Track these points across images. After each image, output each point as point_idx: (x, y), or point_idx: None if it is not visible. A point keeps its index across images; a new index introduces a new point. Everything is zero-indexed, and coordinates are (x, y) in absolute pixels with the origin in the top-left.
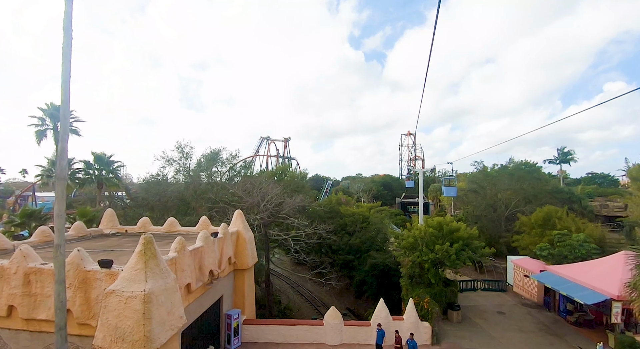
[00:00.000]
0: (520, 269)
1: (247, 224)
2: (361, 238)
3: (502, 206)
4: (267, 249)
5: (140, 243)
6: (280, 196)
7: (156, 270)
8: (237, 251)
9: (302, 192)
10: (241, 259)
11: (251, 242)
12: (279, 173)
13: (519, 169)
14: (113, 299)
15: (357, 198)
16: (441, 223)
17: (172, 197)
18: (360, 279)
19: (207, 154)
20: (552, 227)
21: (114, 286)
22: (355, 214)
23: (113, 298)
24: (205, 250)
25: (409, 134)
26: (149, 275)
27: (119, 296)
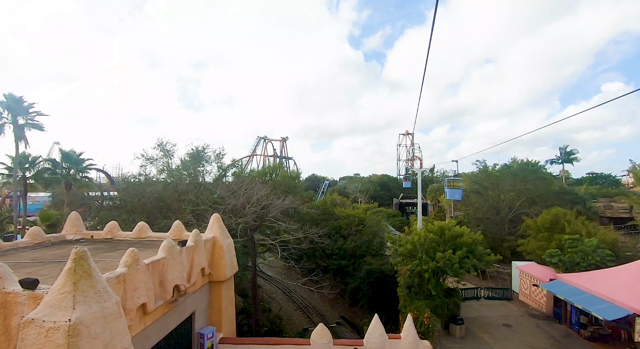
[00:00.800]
0: (527, 277)
1: (226, 230)
2: (356, 242)
3: (505, 207)
4: (254, 256)
5: (71, 259)
6: (269, 198)
7: (90, 293)
8: (213, 261)
9: (294, 193)
10: (218, 269)
11: (230, 250)
12: (269, 173)
13: (523, 168)
14: (32, 331)
15: (354, 199)
16: (443, 228)
17: (151, 198)
18: (354, 286)
19: (191, 152)
20: (560, 231)
21: (34, 314)
22: (350, 216)
23: (32, 329)
24: (169, 262)
25: (407, 133)
26: (78, 300)
27: (39, 327)
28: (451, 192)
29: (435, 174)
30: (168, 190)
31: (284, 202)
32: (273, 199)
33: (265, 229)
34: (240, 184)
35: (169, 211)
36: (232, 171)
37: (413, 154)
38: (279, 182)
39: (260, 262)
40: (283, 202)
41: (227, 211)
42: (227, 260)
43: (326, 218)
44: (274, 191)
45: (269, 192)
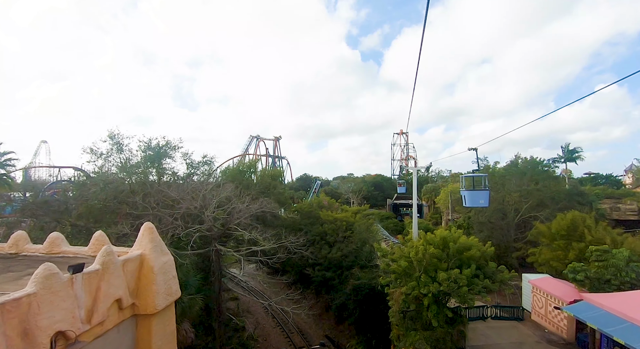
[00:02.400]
0: (543, 294)
1: (162, 244)
2: (343, 251)
3: (511, 210)
4: (219, 271)
5: None
6: (234, 201)
7: None
8: (140, 287)
9: (274, 194)
10: (146, 298)
11: (167, 270)
12: (245, 171)
13: (531, 167)
14: None
15: (346, 199)
16: (446, 239)
17: (95, 201)
18: (340, 303)
19: (144, 146)
20: (579, 239)
21: None
22: (337, 221)
23: None
24: (42, 300)
25: (401, 133)
26: None
27: None
28: (472, 197)
29: (430, 173)
30: (105, 192)
31: (252, 206)
32: (237, 203)
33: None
34: (201, 185)
35: (112, 217)
36: (205, 169)
37: (407, 153)
38: (254, 182)
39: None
40: (250, 206)
41: (179, 217)
42: (159, 285)
43: (311, 222)
44: (247, 192)
45: (239, 194)
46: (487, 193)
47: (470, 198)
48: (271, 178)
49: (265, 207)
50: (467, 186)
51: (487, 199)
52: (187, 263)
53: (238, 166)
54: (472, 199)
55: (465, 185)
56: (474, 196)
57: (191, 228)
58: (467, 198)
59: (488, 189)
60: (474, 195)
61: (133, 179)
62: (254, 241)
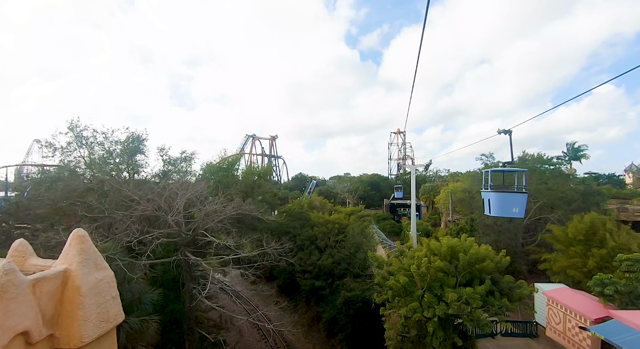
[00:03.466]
0: (560, 308)
1: (98, 257)
2: (334, 257)
3: None
4: (190, 281)
5: None
6: (215, 200)
7: None
8: (62, 314)
9: (259, 193)
10: (69, 328)
11: (102, 291)
12: (225, 167)
13: (540, 164)
14: None
15: (342, 199)
16: (455, 249)
17: (48, 202)
18: (330, 316)
19: (124, 140)
20: (599, 245)
21: None
22: (329, 223)
23: None
24: None
25: (398, 132)
26: None
27: None
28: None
29: (428, 173)
30: (56, 191)
31: (226, 208)
32: (208, 204)
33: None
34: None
35: (71, 219)
36: (183, 167)
37: (405, 153)
38: (234, 181)
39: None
40: (225, 208)
41: (138, 220)
42: (89, 310)
43: (301, 225)
44: (227, 192)
45: (218, 193)
46: (524, 198)
47: (498, 204)
48: (257, 176)
49: (243, 209)
50: (493, 186)
51: (524, 206)
52: (139, 276)
53: (219, 163)
54: (502, 205)
55: (492, 184)
56: (504, 202)
57: (149, 234)
58: (494, 204)
59: (526, 191)
60: (505, 200)
61: (91, 176)
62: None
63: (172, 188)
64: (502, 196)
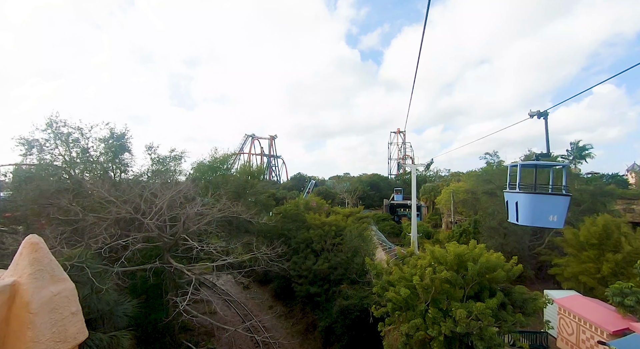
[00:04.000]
0: (574, 318)
1: (56, 267)
2: (330, 262)
3: None
4: (173, 289)
5: None
6: (195, 202)
7: None
8: (8, 334)
9: (250, 196)
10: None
11: (59, 307)
12: (216, 167)
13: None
14: None
15: (341, 200)
16: (463, 258)
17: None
18: (326, 325)
19: (105, 137)
20: (613, 249)
21: None
22: (326, 225)
23: None
24: None
25: (398, 131)
26: None
27: None
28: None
29: (429, 172)
30: (25, 191)
31: (211, 210)
32: (190, 207)
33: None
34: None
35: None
36: (169, 166)
37: (405, 152)
38: (225, 181)
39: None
40: (209, 210)
41: (113, 223)
42: (41, 329)
43: (298, 227)
44: (217, 193)
45: (205, 193)
46: (565, 202)
47: (529, 209)
48: (250, 176)
49: (231, 211)
50: (523, 185)
51: (564, 213)
52: (111, 286)
53: (210, 162)
54: (535, 210)
55: (520, 182)
56: (538, 206)
57: (124, 239)
58: (524, 209)
59: (569, 193)
60: (540, 204)
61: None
62: (224, 252)
63: (152, 188)
64: (536, 199)
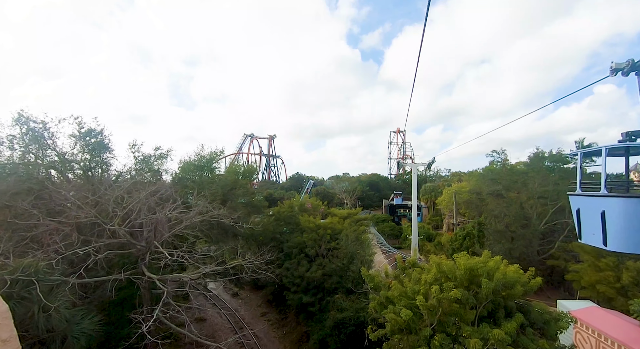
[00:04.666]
0: (592, 333)
1: None
2: (325, 269)
3: (535, 216)
4: (148, 301)
5: None
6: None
7: None
8: None
9: (238, 197)
10: None
11: None
12: (202, 166)
13: (559, 162)
14: None
15: (340, 200)
16: (474, 272)
17: None
18: (320, 338)
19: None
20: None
21: None
22: (321, 229)
23: None
24: None
25: (398, 131)
26: None
27: None
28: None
29: (429, 172)
30: None
31: (188, 214)
32: (155, 210)
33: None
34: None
35: None
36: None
37: (405, 152)
38: (210, 181)
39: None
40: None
41: (76, 228)
42: None
43: (292, 230)
44: (200, 194)
45: (184, 194)
46: None
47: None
48: (239, 176)
49: (211, 215)
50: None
51: None
52: (65, 302)
53: (195, 161)
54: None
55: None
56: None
57: (82, 247)
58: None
59: None
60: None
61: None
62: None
63: (124, 189)
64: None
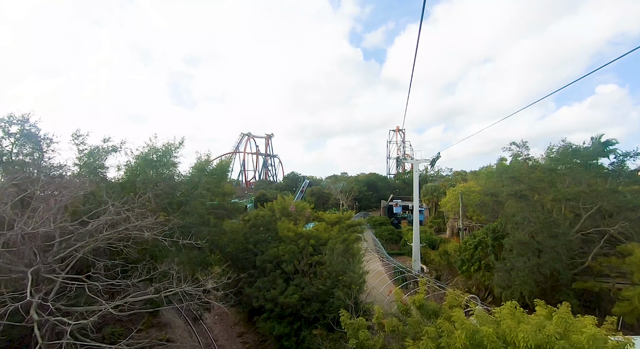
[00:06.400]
0: None
1: None
2: (304, 291)
3: (566, 222)
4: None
5: None
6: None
7: None
8: None
9: (193, 201)
10: None
11: None
12: (155, 160)
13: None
14: None
15: (336, 201)
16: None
17: None
18: None
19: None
20: None
21: None
22: (302, 238)
23: None
24: None
25: (397, 130)
26: None
27: None
28: None
29: (430, 172)
30: None
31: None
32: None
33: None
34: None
35: None
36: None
37: (404, 152)
38: (153, 180)
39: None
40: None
41: None
42: None
43: (272, 237)
44: (139, 197)
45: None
46: None
47: None
48: (202, 172)
49: (130, 227)
50: None
51: None
52: None
53: (145, 154)
54: None
55: None
56: None
57: None
58: None
59: None
60: None
61: None
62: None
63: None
64: None
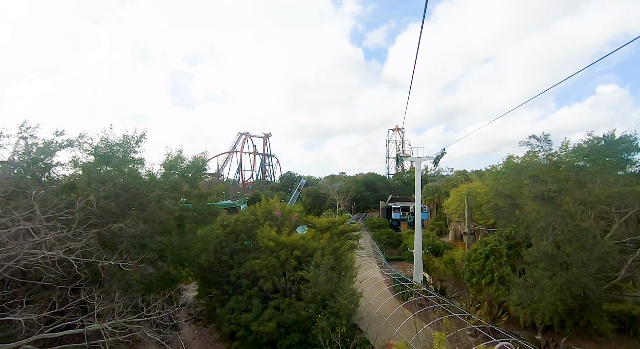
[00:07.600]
0: None
1: None
2: (282, 316)
3: (599, 230)
4: None
5: None
6: None
7: None
8: None
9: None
10: None
11: None
12: (104, 154)
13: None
14: None
15: (332, 201)
16: None
17: None
18: None
19: None
20: None
21: None
22: (285, 249)
23: None
24: None
25: (396, 129)
26: None
27: None
28: None
29: (431, 172)
30: None
31: None
32: None
33: None
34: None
35: None
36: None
37: (403, 151)
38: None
39: None
40: None
41: None
42: None
43: (252, 247)
44: (81, 200)
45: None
46: None
47: None
48: (170, 171)
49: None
50: None
51: None
52: None
53: (99, 149)
54: None
55: None
56: None
57: None
58: None
59: None
60: None
61: None
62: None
63: None
64: None
